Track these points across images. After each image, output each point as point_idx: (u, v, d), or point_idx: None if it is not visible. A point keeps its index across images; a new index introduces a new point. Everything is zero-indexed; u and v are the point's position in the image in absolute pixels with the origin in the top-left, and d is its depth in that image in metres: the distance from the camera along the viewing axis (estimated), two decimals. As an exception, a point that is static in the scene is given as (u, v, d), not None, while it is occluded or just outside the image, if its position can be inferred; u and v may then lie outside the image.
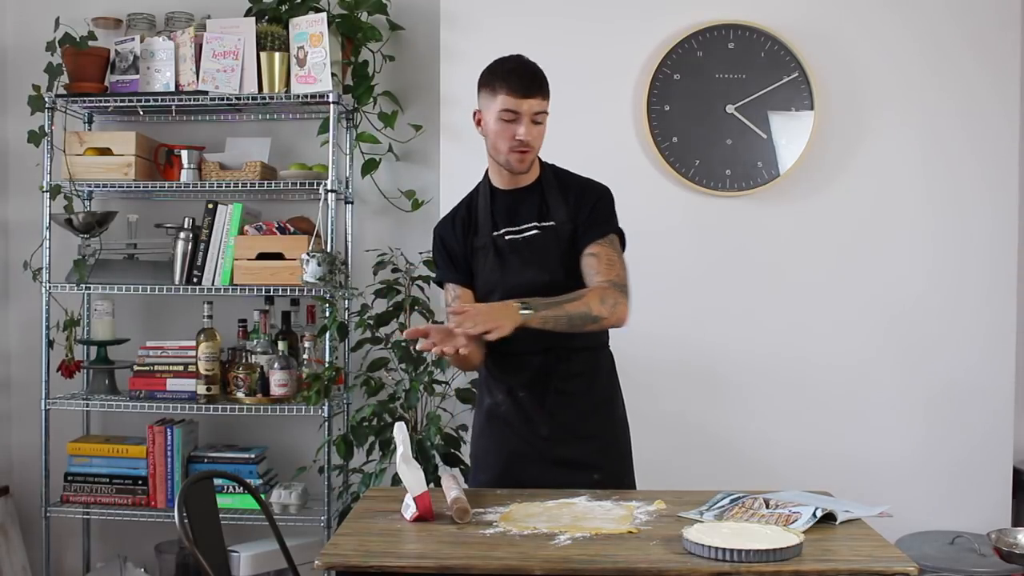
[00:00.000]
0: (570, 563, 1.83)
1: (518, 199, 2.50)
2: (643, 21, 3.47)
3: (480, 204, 2.53)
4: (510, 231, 2.48)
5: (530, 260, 2.46)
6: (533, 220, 2.48)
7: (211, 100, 3.47)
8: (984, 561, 3.07)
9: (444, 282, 2.59)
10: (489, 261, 2.48)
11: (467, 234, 2.52)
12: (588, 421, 2.49)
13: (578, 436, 2.47)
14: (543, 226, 2.47)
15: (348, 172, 3.71)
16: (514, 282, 2.44)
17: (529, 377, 2.46)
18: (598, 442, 2.50)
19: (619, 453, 2.56)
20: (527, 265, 2.45)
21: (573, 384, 2.47)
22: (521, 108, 2.38)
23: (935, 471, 3.46)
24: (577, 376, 2.48)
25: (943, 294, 3.48)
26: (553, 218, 2.47)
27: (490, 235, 2.49)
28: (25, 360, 3.84)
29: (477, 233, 2.51)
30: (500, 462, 2.50)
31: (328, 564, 1.87)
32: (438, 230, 2.60)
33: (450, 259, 2.54)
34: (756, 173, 3.47)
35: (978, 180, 3.47)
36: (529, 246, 2.47)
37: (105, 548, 3.83)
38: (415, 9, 3.70)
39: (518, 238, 2.48)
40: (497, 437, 2.51)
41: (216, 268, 3.48)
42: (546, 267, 2.45)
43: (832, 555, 1.86)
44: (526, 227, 2.48)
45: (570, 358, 2.48)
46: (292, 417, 3.62)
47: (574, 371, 2.48)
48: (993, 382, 3.47)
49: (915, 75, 3.47)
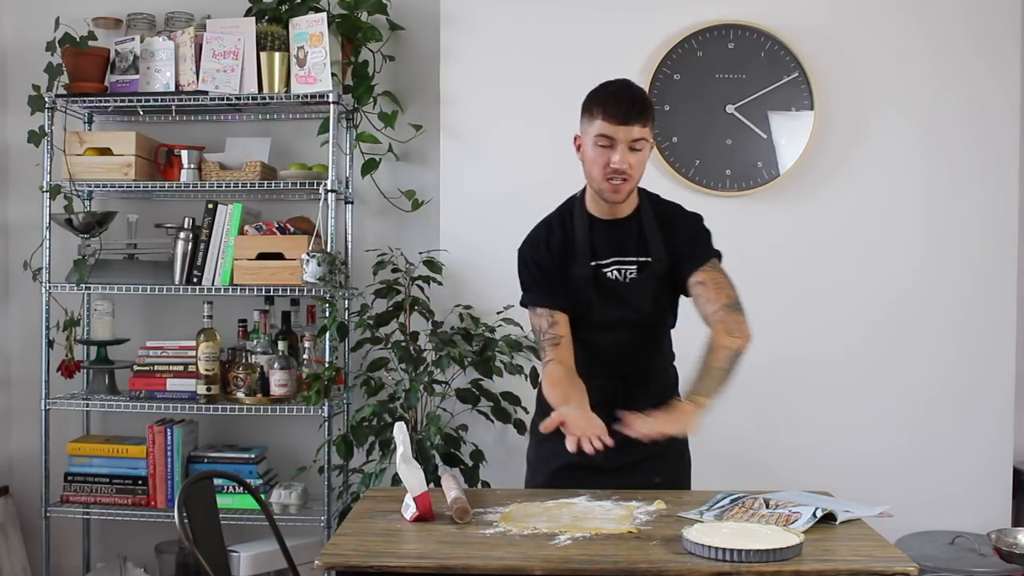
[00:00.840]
0: (570, 563, 1.83)
1: (617, 231, 2.44)
2: (643, 21, 3.47)
3: (578, 230, 2.45)
4: (612, 264, 2.43)
5: (626, 297, 2.43)
6: (632, 254, 2.43)
7: (211, 100, 3.47)
8: (984, 561, 3.07)
9: (535, 305, 2.45)
10: (588, 292, 2.42)
11: (563, 258, 2.44)
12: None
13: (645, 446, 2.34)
14: (640, 261, 2.43)
15: (348, 172, 3.71)
16: (609, 317, 2.43)
17: (605, 398, 2.40)
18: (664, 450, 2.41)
19: (681, 458, 2.56)
20: (623, 302, 2.43)
21: (645, 403, 2.38)
22: (617, 135, 2.30)
23: (935, 471, 3.47)
24: (650, 395, 2.45)
25: (943, 294, 3.48)
26: (651, 254, 2.43)
27: (589, 265, 2.42)
28: (25, 360, 3.83)
29: (575, 260, 2.43)
30: (562, 468, 2.43)
31: (328, 564, 1.87)
32: (529, 253, 2.48)
33: (546, 281, 2.43)
34: (756, 173, 3.47)
35: (978, 180, 3.47)
36: (631, 285, 2.43)
37: (105, 548, 3.83)
38: (415, 9, 3.69)
39: (619, 275, 2.43)
40: (562, 443, 2.46)
41: (216, 268, 3.48)
42: (640, 304, 2.43)
43: (832, 555, 1.86)
44: (628, 261, 2.43)
45: (646, 380, 2.46)
46: (292, 417, 3.62)
47: (648, 391, 2.46)
48: (993, 382, 3.47)
49: (915, 75, 3.47)
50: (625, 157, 2.31)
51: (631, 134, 2.30)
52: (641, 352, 2.50)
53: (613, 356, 2.47)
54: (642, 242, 2.44)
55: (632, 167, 2.33)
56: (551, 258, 2.44)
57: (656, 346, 2.53)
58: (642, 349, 2.50)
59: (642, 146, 2.33)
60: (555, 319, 2.41)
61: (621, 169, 2.31)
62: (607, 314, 2.43)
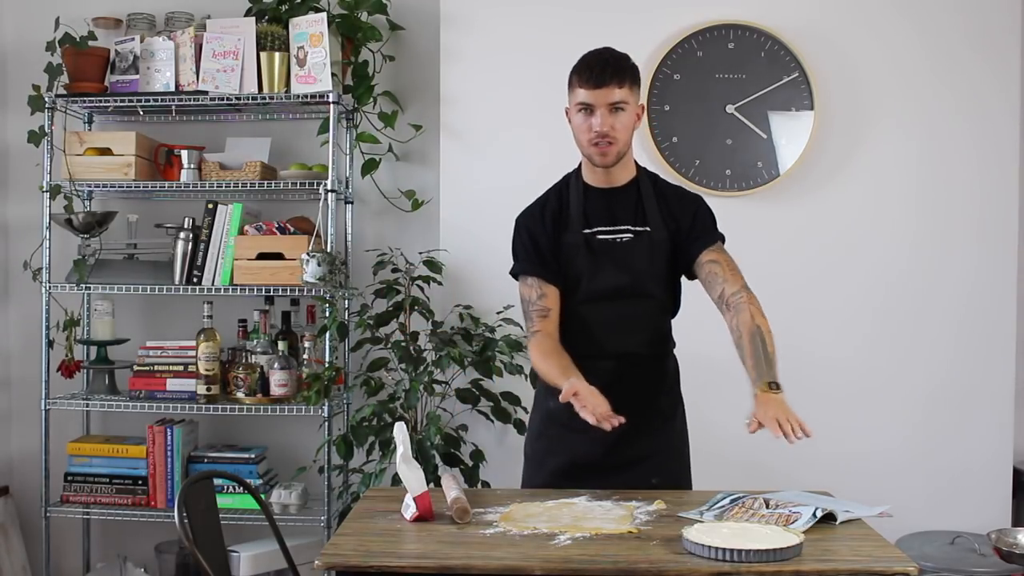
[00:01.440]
0: (570, 563, 1.83)
1: (613, 199, 2.44)
2: (643, 21, 3.47)
3: (572, 199, 2.45)
4: (604, 231, 2.42)
5: (621, 264, 2.41)
6: (628, 223, 2.42)
7: (211, 100, 3.47)
8: (984, 561, 3.07)
9: (525, 275, 2.46)
10: (580, 259, 2.42)
11: (557, 227, 2.44)
12: (652, 427, 2.44)
13: (642, 441, 2.41)
14: (637, 230, 2.42)
15: (348, 172, 3.71)
16: (602, 284, 2.41)
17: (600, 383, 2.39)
18: (662, 447, 2.47)
19: (680, 456, 2.54)
20: (617, 268, 2.41)
21: (641, 391, 2.43)
22: (596, 99, 2.31)
23: (935, 471, 3.47)
24: (646, 383, 2.45)
25: (943, 294, 3.48)
26: (649, 224, 2.43)
27: (581, 232, 2.42)
28: (25, 360, 3.83)
29: (568, 228, 2.43)
30: (560, 465, 2.45)
31: (328, 564, 1.87)
32: (524, 221, 2.49)
33: (536, 251, 2.44)
34: (756, 173, 3.47)
35: (978, 179, 3.47)
36: (622, 249, 2.42)
37: (105, 548, 3.83)
38: (415, 9, 3.70)
39: (612, 240, 2.42)
40: (556, 440, 2.46)
41: (216, 268, 3.48)
42: (635, 272, 2.42)
43: (832, 555, 1.86)
44: (621, 229, 2.42)
45: (641, 364, 2.45)
46: (292, 417, 3.62)
47: (644, 378, 2.45)
48: (993, 382, 3.47)
49: (915, 75, 3.47)
50: (606, 120, 2.32)
51: (609, 96, 2.31)
52: (638, 329, 2.45)
53: (607, 332, 2.43)
54: (640, 212, 2.43)
55: (615, 129, 2.33)
56: (545, 229, 2.44)
57: (652, 326, 2.48)
58: (639, 325, 2.46)
59: (624, 107, 2.33)
60: (544, 291, 2.41)
61: (603, 132, 2.32)
62: (598, 282, 2.41)
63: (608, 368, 2.40)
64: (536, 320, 2.41)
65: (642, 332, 2.47)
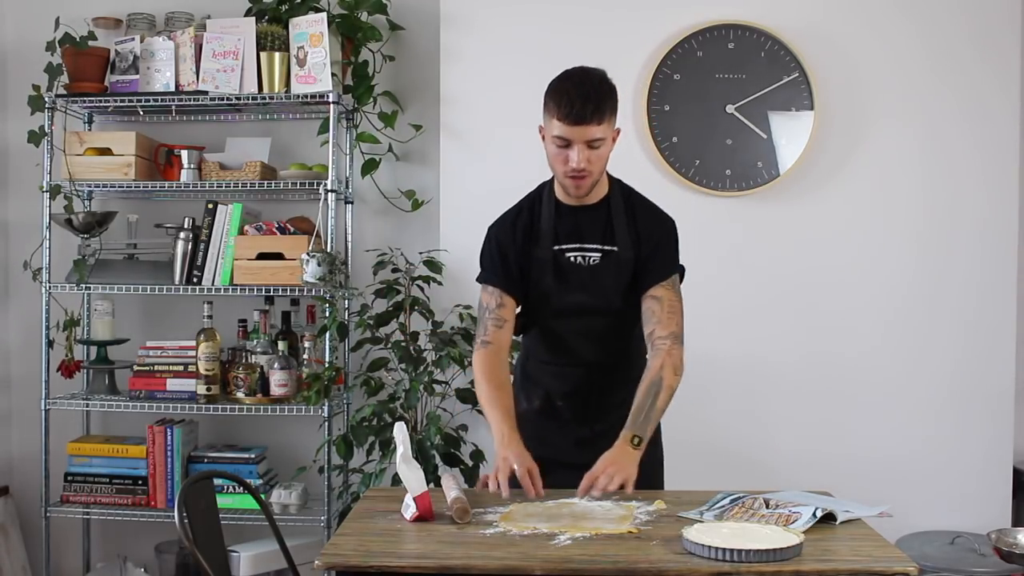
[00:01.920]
0: (570, 563, 1.83)
1: (584, 217, 2.43)
2: (643, 21, 3.47)
3: (544, 214, 2.44)
4: (572, 249, 2.42)
5: (588, 283, 2.41)
6: (597, 242, 2.41)
7: (211, 100, 3.47)
8: (984, 561, 3.07)
9: (489, 284, 2.45)
10: (548, 276, 2.41)
11: (527, 241, 2.43)
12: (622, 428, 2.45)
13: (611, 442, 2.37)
14: (605, 249, 2.41)
15: (348, 172, 3.71)
16: (569, 301, 2.41)
17: (570, 387, 2.43)
18: None
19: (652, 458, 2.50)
20: (584, 288, 2.41)
21: (613, 395, 2.45)
22: (573, 136, 2.27)
23: (935, 471, 3.47)
24: (616, 387, 2.46)
25: (943, 294, 3.48)
26: (616, 243, 2.41)
27: (551, 248, 2.41)
28: (25, 360, 3.83)
29: (538, 243, 2.42)
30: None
31: (328, 564, 1.87)
32: (494, 231, 2.48)
33: (502, 262, 2.43)
34: (756, 173, 3.47)
35: (978, 179, 3.47)
36: (590, 270, 2.41)
37: (105, 548, 3.83)
38: (415, 9, 3.70)
39: (581, 260, 2.41)
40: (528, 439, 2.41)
41: (216, 268, 3.48)
42: (602, 292, 2.41)
43: (832, 555, 1.86)
44: (590, 249, 2.41)
45: (612, 370, 2.46)
46: (292, 417, 3.62)
47: (614, 382, 2.46)
48: (993, 382, 3.47)
49: (915, 75, 3.47)
50: (583, 155, 2.28)
51: (587, 134, 2.26)
52: (605, 342, 2.46)
53: (575, 345, 2.45)
54: (608, 231, 2.42)
55: (591, 163, 2.30)
56: (515, 242, 2.44)
57: (621, 338, 2.49)
58: (606, 339, 2.46)
59: (600, 144, 2.30)
60: (503, 301, 2.41)
61: (579, 168, 2.30)
62: (566, 300, 2.41)
63: (579, 374, 2.46)
64: (491, 328, 2.41)
65: (612, 343, 2.48)
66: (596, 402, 2.47)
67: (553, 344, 2.47)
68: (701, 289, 3.49)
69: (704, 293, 3.49)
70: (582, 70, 2.34)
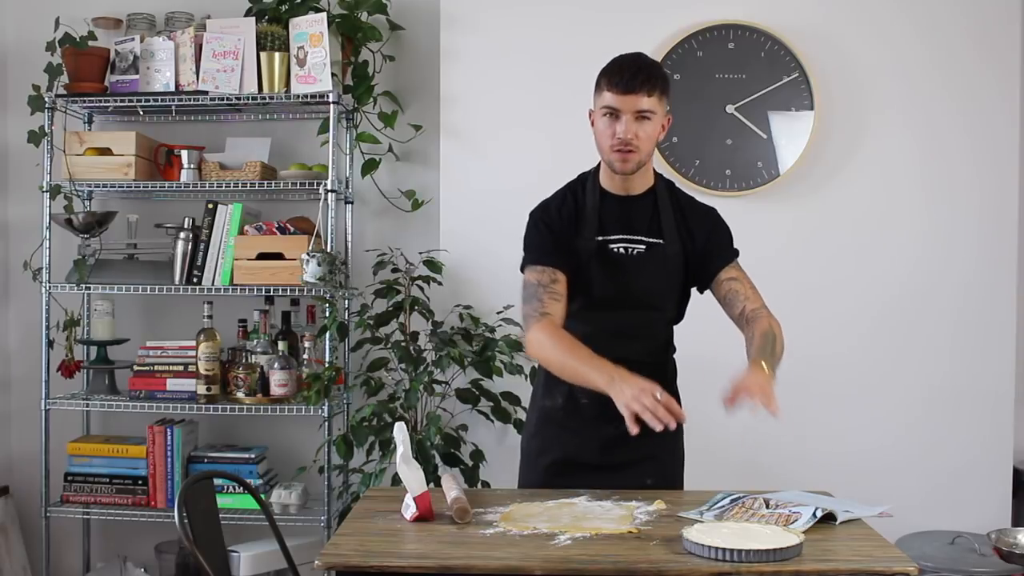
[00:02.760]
0: (570, 563, 1.82)
1: (629, 208, 2.41)
2: (643, 21, 3.47)
3: (588, 202, 2.41)
4: (617, 240, 2.39)
5: (632, 276, 2.38)
6: (642, 234, 2.39)
7: (211, 100, 3.47)
8: (984, 561, 3.07)
9: (541, 264, 2.36)
10: (590, 266, 2.38)
11: (571, 228, 2.39)
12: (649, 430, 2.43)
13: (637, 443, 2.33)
14: (650, 242, 2.40)
15: (348, 172, 3.71)
16: (610, 294, 2.38)
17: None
18: (655, 449, 2.43)
19: (674, 459, 2.52)
20: (627, 280, 2.38)
21: None
22: (622, 105, 2.25)
23: (935, 471, 3.47)
24: None
25: (943, 294, 3.48)
26: (663, 236, 2.40)
27: (595, 239, 2.38)
28: (25, 360, 3.83)
29: (581, 232, 2.38)
30: (552, 464, 2.44)
31: (328, 564, 1.86)
32: (540, 215, 2.42)
33: (554, 241, 2.37)
34: (756, 173, 3.47)
35: (978, 180, 3.47)
36: (634, 262, 2.39)
37: (105, 548, 3.83)
38: (415, 9, 3.70)
39: (625, 251, 2.39)
40: (551, 439, 2.45)
41: (216, 268, 3.48)
42: (644, 285, 2.39)
43: (832, 555, 1.86)
44: (635, 240, 2.39)
45: (640, 370, 2.43)
46: (292, 417, 3.62)
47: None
48: (993, 382, 3.47)
49: (915, 75, 3.47)
50: (630, 127, 2.26)
51: (636, 104, 2.25)
52: (640, 337, 2.43)
53: (610, 338, 2.37)
54: (655, 222, 2.40)
55: (639, 138, 2.28)
56: (561, 222, 2.40)
57: (656, 335, 2.48)
58: (641, 334, 2.44)
59: (651, 116, 2.28)
60: (556, 277, 2.35)
61: (626, 140, 2.27)
62: (608, 290, 2.38)
63: None
64: (547, 300, 2.32)
65: (644, 341, 2.45)
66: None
67: (584, 338, 2.37)
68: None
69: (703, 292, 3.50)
70: (636, 52, 2.34)
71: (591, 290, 2.39)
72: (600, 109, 2.31)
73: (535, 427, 2.52)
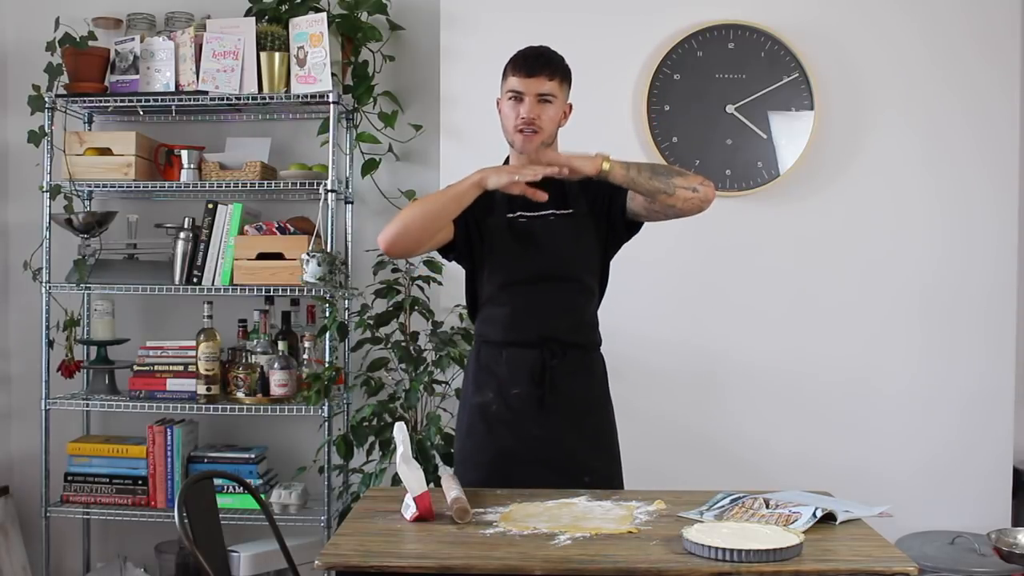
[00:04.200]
0: (570, 563, 1.83)
1: (537, 185, 2.44)
2: (643, 21, 3.47)
3: None
4: (526, 213, 2.48)
5: (546, 247, 2.47)
6: (551, 208, 2.47)
7: (211, 100, 3.47)
8: (984, 561, 3.07)
9: None
10: (504, 242, 2.48)
11: (481, 210, 2.47)
12: (581, 423, 2.49)
13: (570, 437, 2.46)
14: (560, 213, 2.49)
15: (348, 172, 3.71)
16: (526, 267, 2.47)
17: (524, 374, 2.45)
18: (590, 444, 2.49)
19: (610, 456, 2.55)
20: (542, 251, 2.47)
21: (568, 384, 2.47)
22: (526, 88, 2.39)
23: (935, 471, 3.47)
24: (572, 375, 2.48)
25: (943, 294, 3.48)
26: (571, 206, 2.49)
27: (505, 216, 2.49)
28: (25, 360, 3.83)
29: (492, 212, 2.49)
30: (490, 462, 2.47)
31: (328, 564, 1.87)
32: None
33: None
34: (756, 173, 3.47)
35: (979, 180, 3.47)
36: (546, 230, 2.48)
37: (105, 548, 3.83)
38: (415, 9, 3.70)
39: (535, 220, 2.48)
40: (487, 436, 2.49)
41: (216, 268, 3.48)
42: (559, 255, 2.48)
43: (832, 555, 1.86)
44: (545, 213, 2.48)
45: (566, 354, 2.47)
46: (292, 417, 3.62)
47: (569, 369, 2.47)
48: (993, 382, 3.47)
49: (916, 74, 3.47)
50: (533, 108, 2.40)
51: (539, 87, 2.39)
52: (560, 314, 2.48)
53: (530, 316, 2.46)
54: (561, 196, 2.49)
55: (541, 119, 2.41)
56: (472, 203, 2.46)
57: (577, 309, 2.52)
58: (561, 310, 2.49)
59: (552, 100, 2.41)
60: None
61: (530, 119, 2.40)
62: (524, 264, 2.47)
63: (532, 357, 2.45)
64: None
65: (566, 317, 2.50)
66: (551, 389, 2.45)
67: (508, 320, 2.47)
68: (701, 289, 3.51)
69: (704, 293, 3.51)
70: (542, 45, 2.49)
71: (508, 265, 2.48)
72: (506, 94, 2.44)
73: (469, 426, 2.55)
